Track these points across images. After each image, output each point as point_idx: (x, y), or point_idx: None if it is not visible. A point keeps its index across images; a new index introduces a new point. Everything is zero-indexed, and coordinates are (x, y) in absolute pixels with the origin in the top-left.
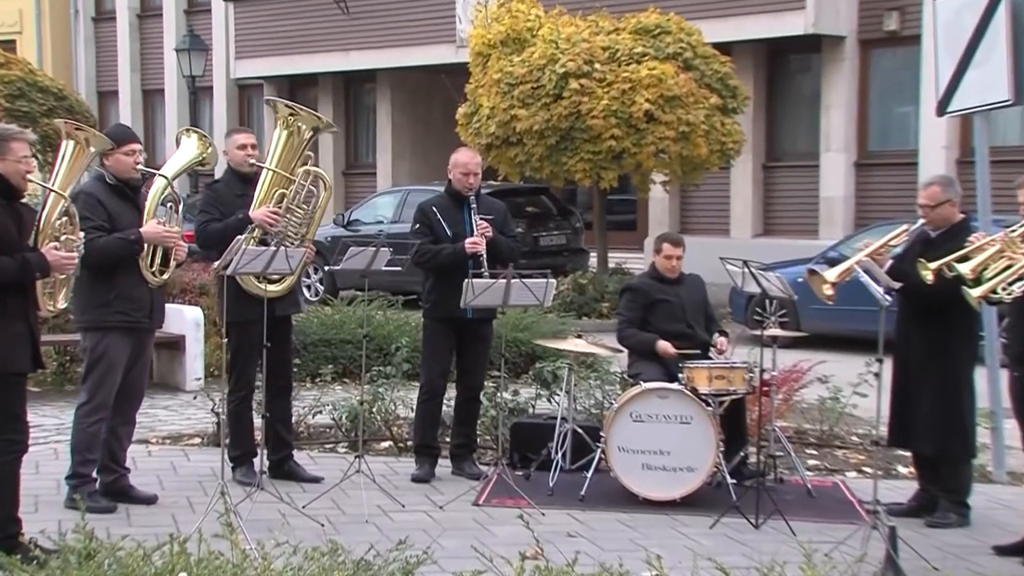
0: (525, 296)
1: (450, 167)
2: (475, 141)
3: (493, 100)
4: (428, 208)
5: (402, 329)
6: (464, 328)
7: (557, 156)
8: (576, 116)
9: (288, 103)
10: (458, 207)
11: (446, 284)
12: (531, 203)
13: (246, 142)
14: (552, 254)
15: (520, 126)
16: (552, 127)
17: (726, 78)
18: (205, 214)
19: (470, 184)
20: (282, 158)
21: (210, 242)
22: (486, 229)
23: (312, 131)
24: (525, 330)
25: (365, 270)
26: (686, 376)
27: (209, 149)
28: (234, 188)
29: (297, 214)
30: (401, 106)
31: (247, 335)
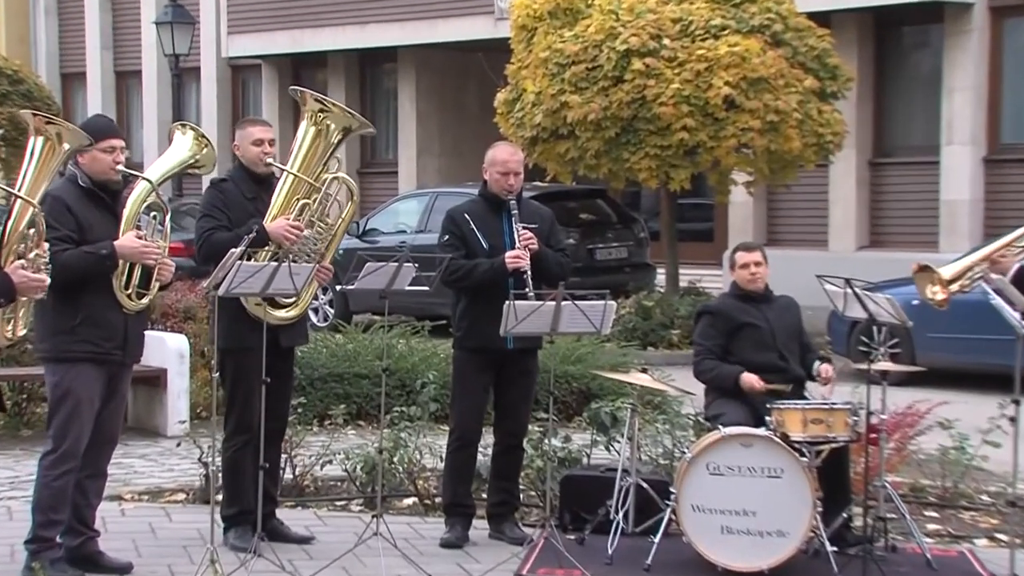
0: (578, 322)
1: (486, 165)
2: (517, 134)
3: (539, 84)
4: (460, 215)
5: (429, 362)
6: (504, 361)
7: (617, 152)
8: (640, 103)
9: (318, 96)
10: (496, 214)
11: (482, 307)
12: (585, 209)
13: (263, 137)
14: (611, 270)
15: (572, 115)
16: (611, 116)
17: (824, 56)
18: (209, 219)
19: (510, 186)
20: (306, 161)
21: (213, 255)
22: (530, 240)
23: (343, 132)
24: (578, 363)
25: (385, 290)
26: (775, 419)
27: (205, 150)
28: (245, 189)
29: (318, 228)
30: (428, 91)
31: (246, 365)
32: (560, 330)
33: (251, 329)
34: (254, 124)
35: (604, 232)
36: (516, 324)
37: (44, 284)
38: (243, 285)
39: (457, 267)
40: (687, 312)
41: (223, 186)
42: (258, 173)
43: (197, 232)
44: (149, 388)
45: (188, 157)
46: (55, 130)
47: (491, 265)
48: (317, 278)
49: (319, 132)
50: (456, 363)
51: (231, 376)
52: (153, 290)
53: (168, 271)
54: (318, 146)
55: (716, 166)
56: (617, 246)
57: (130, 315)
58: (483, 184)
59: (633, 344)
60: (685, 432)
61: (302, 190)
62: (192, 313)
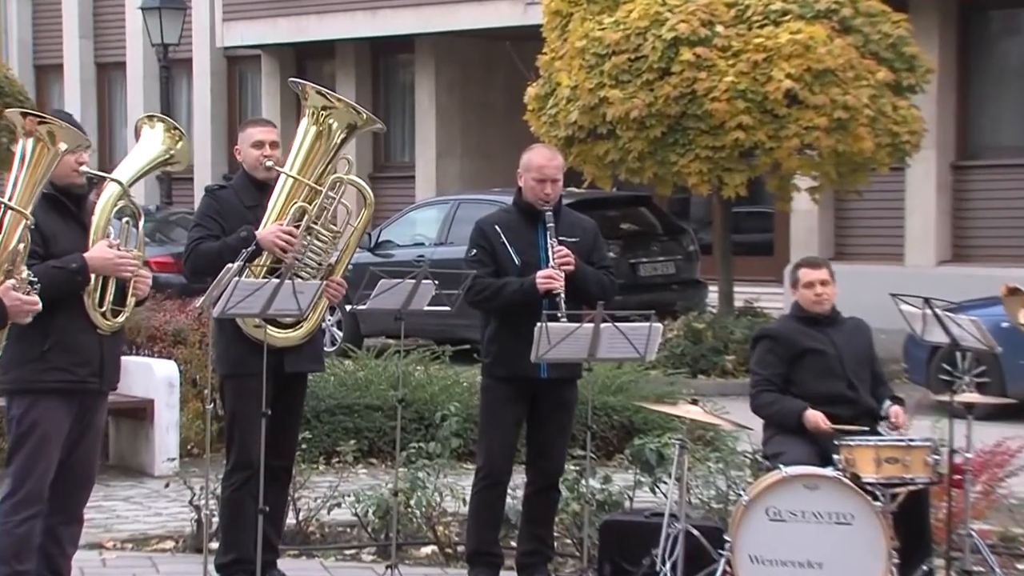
0: (619, 346)
1: (521, 171)
2: (550, 133)
3: (575, 77)
4: (489, 227)
5: (450, 391)
6: (537, 391)
7: (664, 153)
8: (690, 98)
9: (322, 90)
10: (530, 226)
11: (512, 330)
12: (627, 218)
13: (263, 138)
14: (657, 288)
15: (612, 112)
16: (656, 113)
17: (900, 44)
18: (201, 228)
19: (547, 194)
20: (307, 161)
21: (201, 267)
22: (566, 257)
23: (347, 130)
24: (619, 393)
25: (400, 310)
26: (845, 458)
27: (179, 144)
28: (244, 197)
29: (321, 237)
30: (449, 86)
31: (247, 393)
32: (599, 356)
33: (252, 352)
34: (254, 125)
35: (649, 245)
36: (549, 349)
37: (36, 307)
38: (241, 305)
39: (483, 286)
40: (743, 336)
41: (219, 193)
42: (259, 178)
43: (187, 243)
44: (134, 421)
45: (161, 153)
46: (47, 129)
47: (520, 285)
48: (327, 295)
49: (321, 130)
50: (484, 393)
51: (230, 405)
52: (129, 307)
53: (145, 284)
54: (320, 145)
55: (776, 170)
56: (663, 260)
57: (105, 337)
58: (517, 192)
59: (681, 372)
60: (741, 472)
61: (302, 193)
62: (183, 336)
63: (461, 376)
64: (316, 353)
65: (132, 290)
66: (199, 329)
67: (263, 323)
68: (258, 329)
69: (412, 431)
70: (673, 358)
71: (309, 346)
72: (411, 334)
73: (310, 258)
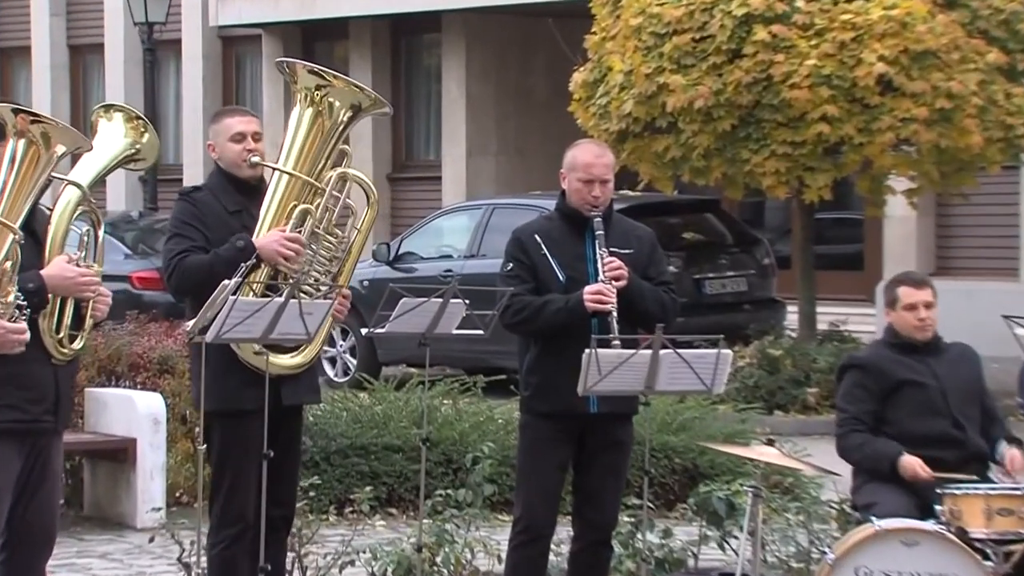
0: (682, 377)
1: (565, 170)
2: (600, 127)
3: (630, 60)
4: (528, 236)
5: (483, 429)
6: (585, 429)
7: (734, 150)
8: (765, 85)
9: (314, 67)
10: (576, 235)
11: (555, 358)
12: (690, 226)
13: (244, 129)
14: (726, 308)
15: (673, 102)
16: (726, 103)
17: (1014, 20)
18: (180, 239)
19: (595, 198)
20: (304, 155)
21: (190, 284)
22: (619, 270)
23: (351, 111)
24: (682, 432)
25: (426, 335)
26: (949, 509)
27: (145, 136)
28: (226, 200)
29: (327, 244)
30: (481, 70)
31: (240, 433)
32: (658, 388)
33: (246, 383)
34: (232, 114)
35: (716, 257)
36: (599, 380)
37: (24, 336)
38: (239, 329)
39: (522, 305)
40: (827, 365)
41: (196, 196)
42: (242, 178)
43: (165, 256)
44: (112, 465)
45: (125, 148)
46: (41, 130)
47: (565, 303)
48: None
49: (318, 115)
50: (523, 432)
51: (218, 448)
52: (87, 331)
53: (105, 304)
54: (318, 134)
55: (867, 169)
56: (733, 276)
57: (60, 367)
58: (560, 195)
59: (755, 407)
60: (826, 525)
61: (300, 193)
62: (170, 364)
63: (496, 412)
64: (314, 382)
65: (89, 311)
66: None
67: (263, 348)
68: (258, 356)
69: (438, 476)
70: (745, 391)
71: (307, 374)
72: (437, 362)
73: (315, 271)
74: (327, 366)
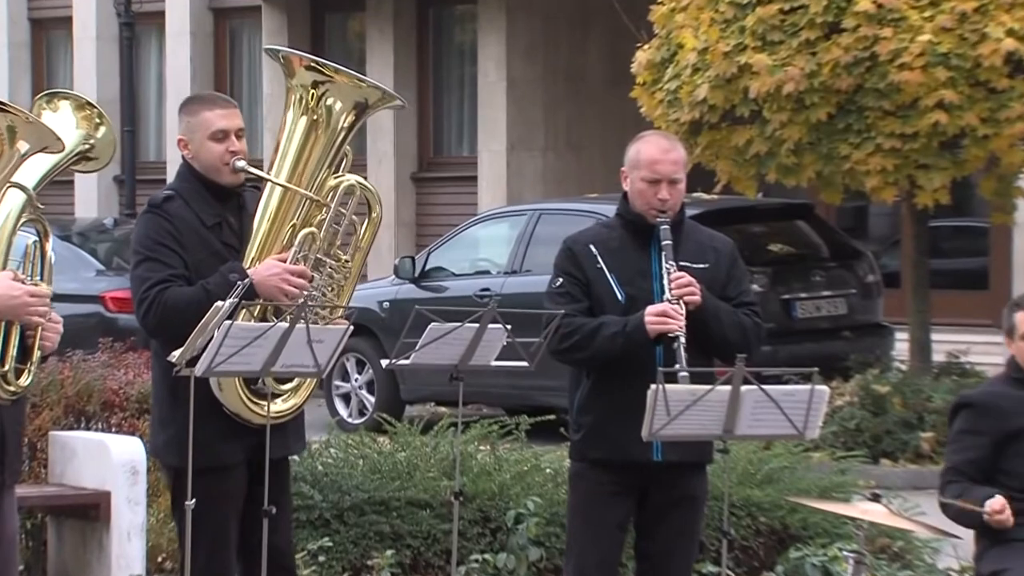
0: (768, 419)
1: (627, 168)
2: (668, 116)
3: (705, 36)
4: (581, 247)
5: (528, 481)
6: (650, 481)
7: (831, 144)
8: (868, 66)
9: (312, 60)
10: (639, 245)
11: (613, 394)
12: (778, 236)
13: (227, 126)
14: (821, 335)
15: (757, 86)
16: (821, 88)
17: None
18: (156, 266)
19: (663, 200)
20: (301, 164)
21: (169, 323)
22: (689, 287)
23: (354, 113)
24: (768, 485)
25: (459, 367)
26: None
27: (101, 129)
28: (202, 210)
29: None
30: (526, 49)
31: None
32: (739, 432)
33: (225, 435)
34: (210, 105)
35: (809, 273)
36: (667, 422)
37: None
38: (235, 360)
39: (572, 328)
40: (945, 403)
41: (169, 208)
42: (221, 184)
43: (136, 285)
44: (82, 523)
45: (76, 143)
46: (6, 123)
47: (623, 327)
48: None
49: (314, 124)
50: (574, 484)
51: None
52: (34, 364)
53: (55, 333)
54: (318, 138)
55: (993, 167)
56: (830, 296)
57: (5, 408)
58: (621, 198)
59: (857, 454)
60: None
61: (297, 208)
62: (151, 402)
63: (543, 460)
64: (299, 429)
65: (37, 340)
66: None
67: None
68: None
69: (474, 537)
70: (845, 435)
71: (293, 423)
72: (473, 400)
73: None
74: (339, 405)
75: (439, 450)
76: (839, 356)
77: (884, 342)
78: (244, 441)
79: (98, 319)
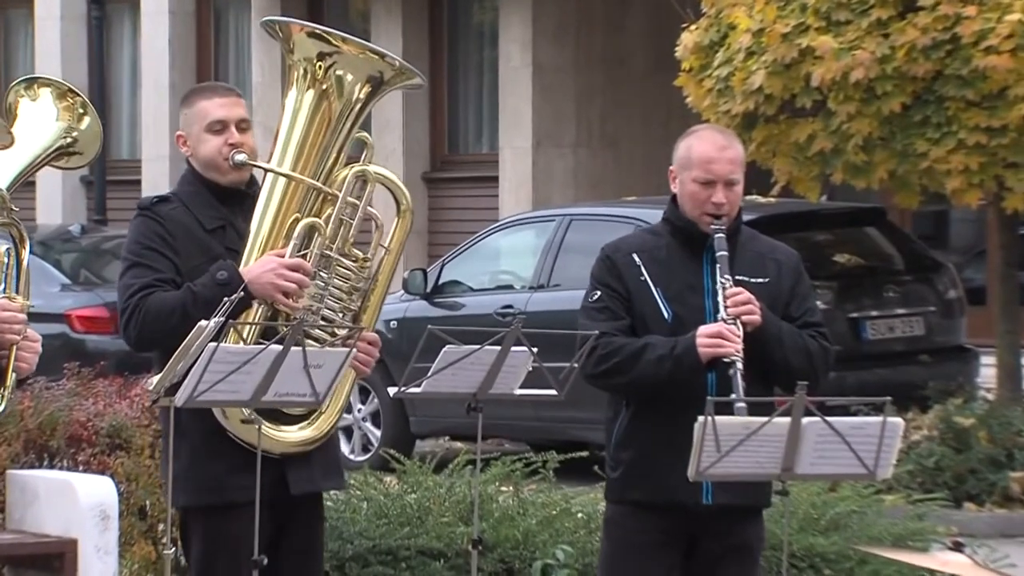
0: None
1: (675, 167)
2: (719, 107)
3: (761, 15)
4: (623, 255)
5: (557, 526)
6: (698, 528)
7: (906, 140)
8: (950, 50)
9: (314, 27)
10: (690, 256)
11: (659, 427)
12: (846, 245)
13: (226, 116)
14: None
15: (821, 73)
16: (895, 74)
17: None
18: (142, 270)
19: (718, 205)
20: (307, 151)
21: (152, 331)
22: (747, 305)
23: (368, 87)
24: (834, 532)
25: (478, 397)
26: None
27: (85, 121)
28: (202, 213)
29: (343, 271)
30: (555, 30)
31: (228, 534)
32: (800, 471)
33: (236, 467)
34: (208, 94)
35: (881, 289)
36: (717, 459)
37: None
38: (220, 388)
39: (611, 348)
40: None
41: (162, 211)
42: (223, 184)
43: (120, 294)
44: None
45: (56, 137)
46: None
47: (671, 349)
48: (354, 365)
49: (323, 96)
50: (610, 530)
51: (197, 554)
52: (9, 389)
53: (34, 354)
54: (324, 122)
55: None
56: (906, 315)
57: None
58: (671, 201)
59: (937, 497)
60: None
61: (304, 202)
62: (124, 437)
63: (575, 502)
64: (332, 461)
65: (11, 362)
66: (151, 425)
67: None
68: (248, 426)
69: None
70: (922, 474)
71: (321, 453)
72: (493, 433)
73: (329, 306)
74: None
75: (455, 492)
76: (916, 384)
77: (967, 367)
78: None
79: (63, 341)
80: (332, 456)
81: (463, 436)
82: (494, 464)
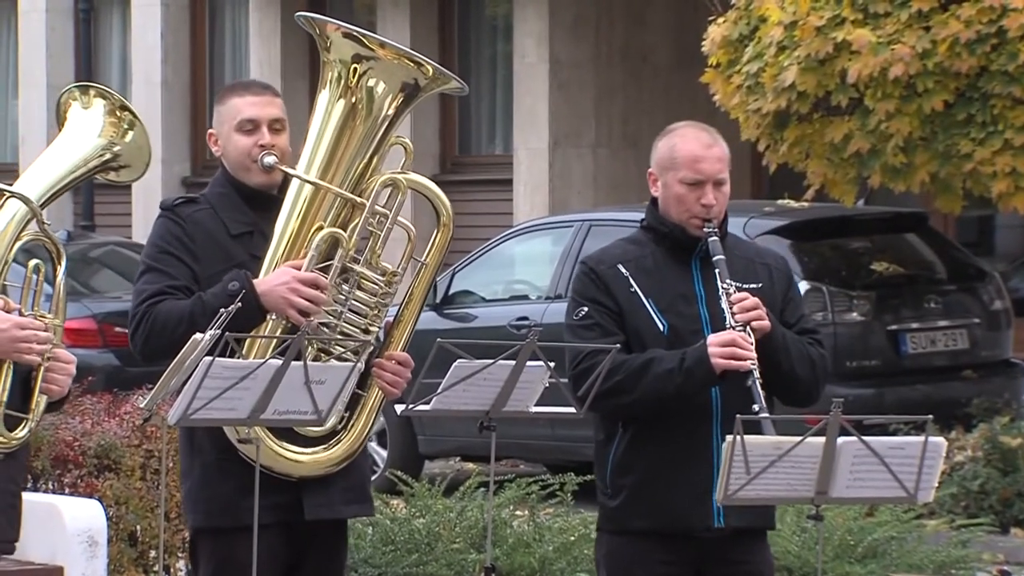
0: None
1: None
2: (746, 106)
3: (793, 7)
4: (608, 267)
5: (574, 554)
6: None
7: (948, 140)
8: (995, 44)
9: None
10: (678, 262)
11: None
12: (884, 253)
13: (257, 115)
14: (936, 375)
15: (858, 68)
16: (937, 70)
17: None
18: (156, 275)
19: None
20: (337, 157)
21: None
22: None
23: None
24: (871, 560)
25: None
26: None
27: (129, 134)
28: (229, 217)
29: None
30: (572, 25)
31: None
32: (834, 495)
33: (246, 489)
34: (240, 92)
35: (922, 299)
36: (747, 481)
37: None
38: (216, 405)
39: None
40: None
41: (184, 212)
42: (252, 186)
43: (133, 300)
44: None
45: (93, 152)
46: None
47: (680, 362)
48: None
49: (356, 101)
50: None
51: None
52: (36, 413)
53: (66, 376)
54: (357, 126)
55: None
56: (948, 327)
57: None
58: (650, 204)
59: (982, 522)
60: None
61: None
62: (113, 458)
63: (591, 525)
64: (357, 486)
65: (38, 383)
66: (141, 445)
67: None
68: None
69: None
70: (967, 498)
71: (343, 477)
72: (507, 454)
73: (350, 322)
74: None
75: (466, 516)
76: (959, 401)
77: (1014, 383)
78: (273, 498)
79: None
80: (357, 481)
81: (475, 457)
82: (508, 486)
